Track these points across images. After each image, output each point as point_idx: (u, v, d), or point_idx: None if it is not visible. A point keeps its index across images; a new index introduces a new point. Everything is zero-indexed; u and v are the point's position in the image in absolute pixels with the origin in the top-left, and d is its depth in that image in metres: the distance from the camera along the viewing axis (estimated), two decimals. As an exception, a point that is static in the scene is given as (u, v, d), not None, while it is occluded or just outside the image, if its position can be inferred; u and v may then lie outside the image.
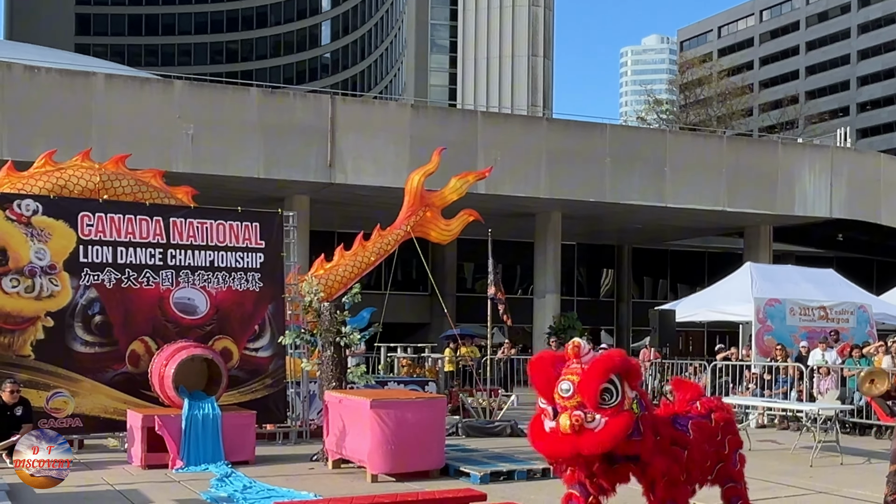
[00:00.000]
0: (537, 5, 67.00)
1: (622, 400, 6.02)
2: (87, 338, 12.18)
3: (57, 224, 12.17)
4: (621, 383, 6.04)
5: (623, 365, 6.10)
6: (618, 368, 6.05)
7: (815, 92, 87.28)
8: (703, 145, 30.76)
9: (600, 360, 6.09)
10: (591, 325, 34.77)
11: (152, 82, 26.26)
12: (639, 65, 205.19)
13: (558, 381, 6.08)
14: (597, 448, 5.98)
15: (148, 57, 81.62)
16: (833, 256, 37.72)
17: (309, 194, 25.96)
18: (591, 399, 5.96)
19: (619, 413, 5.99)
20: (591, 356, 6.14)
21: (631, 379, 6.13)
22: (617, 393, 6.02)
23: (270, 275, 13.31)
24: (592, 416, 5.96)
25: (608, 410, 5.98)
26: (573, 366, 6.11)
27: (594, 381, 5.97)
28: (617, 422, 5.97)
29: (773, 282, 20.65)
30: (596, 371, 6.01)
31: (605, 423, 5.96)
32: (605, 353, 6.21)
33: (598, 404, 5.97)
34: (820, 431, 13.15)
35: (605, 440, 5.96)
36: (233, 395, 12.62)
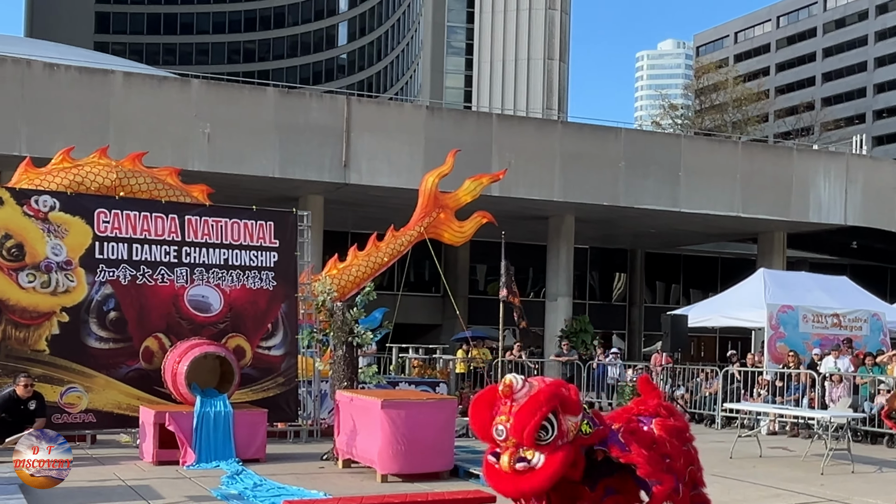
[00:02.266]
0: (554, 9, 66.95)
1: (559, 434, 6.01)
2: (102, 334, 12.29)
3: (73, 220, 12.28)
4: (556, 417, 6.02)
5: (552, 401, 6.05)
6: (548, 406, 6.01)
7: (832, 99, 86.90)
8: (717, 150, 30.66)
9: (528, 403, 6.02)
10: (602, 329, 34.71)
11: (170, 81, 26.40)
12: (654, 69, 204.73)
13: (493, 423, 6.09)
14: (537, 486, 6.02)
15: (166, 56, 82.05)
16: (847, 264, 37.57)
17: (323, 194, 26.03)
18: (527, 440, 5.96)
19: (557, 449, 5.98)
20: (526, 392, 6.07)
21: (567, 410, 6.10)
22: (553, 428, 6.00)
23: (284, 274, 13.38)
24: (533, 454, 5.96)
25: (546, 448, 5.98)
26: (504, 407, 6.07)
27: (526, 424, 5.95)
28: (555, 458, 5.96)
29: (786, 288, 20.59)
30: (525, 414, 5.98)
31: (544, 460, 5.96)
32: (534, 394, 6.10)
33: (535, 442, 5.97)
34: (831, 439, 13.10)
35: (544, 478, 5.98)
36: (245, 393, 12.70)
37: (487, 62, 69.16)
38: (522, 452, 6.00)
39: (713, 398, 18.78)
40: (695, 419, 19.39)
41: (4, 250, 11.86)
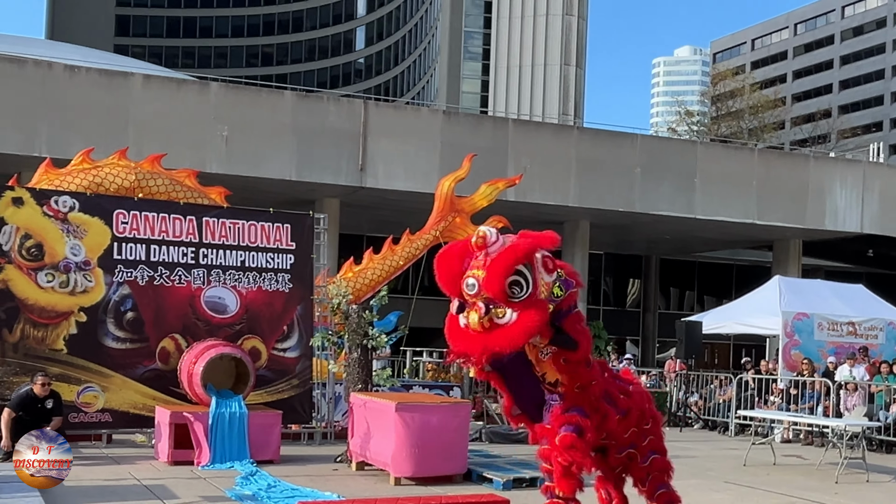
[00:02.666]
0: (571, 15, 66.93)
1: (534, 290, 5.61)
2: (119, 334, 12.38)
3: (92, 221, 12.38)
4: (531, 272, 5.63)
5: (530, 252, 5.66)
6: (524, 258, 5.62)
7: (849, 106, 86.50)
8: (734, 157, 30.61)
9: (503, 253, 5.63)
10: (616, 335, 34.68)
11: (189, 84, 26.57)
12: (671, 76, 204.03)
13: (464, 276, 5.70)
14: (507, 344, 5.61)
15: (185, 59, 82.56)
16: (863, 272, 37.38)
17: (339, 197, 26.12)
18: (498, 295, 5.55)
19: (531, 305, 5.59)
20: (500, 246, 5.68)
21: (544, 267, 5.71)
22: (527, 284, 5.61)
23: (300, 276, 13.45)
24: (504, 311, 5.57)
25: (518, 304, 5.57)
26: (478, 259, 5.69)
27: (498, 277, 5.54)
28: (528, 315, 5.57)
29: (801, 296, 20.50)
30: (499, 265, 5.57)
31: (517, 317, 5.57)
32: (510, 245, 5.70)
33: (508, 298, 5.56)
34: (846, 448, 13.04)
35: (516, 335, 5.58)
36: (260, 394, 12.77)
37: (504, 67, 69.18)
38: (493, 309, 5.60)
39: (727, 405, 18.74)
40: (708, 426, 19.36)
41: (24, 250, 11.98)
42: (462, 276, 5.71)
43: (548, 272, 5.76)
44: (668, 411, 20.06)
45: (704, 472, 12.61)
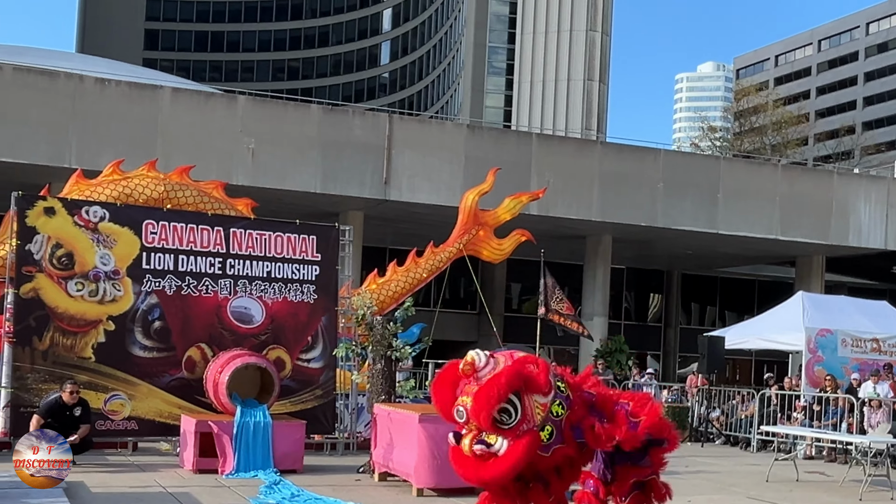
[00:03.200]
0: (595, 30, 67.05)
1: (523, 418, 5.56)
2: (146, 342, 12.52)
3: (122, 231, 12.56)
4: (520, 399, 5.57)
5: (515, 382, 5.56)
6: (508, 388, 5.53)
7: (873, 123, 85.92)
8: (756, 173, 30.52)
9: (486, 385, 5.54)
10: (638, 350, 34.57)
11: (216, 97, 26.87)
12: (694, 91, 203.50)
13: (455, 403, 5.65)
14: (499, 476, 5.59)
15: (212, 72, 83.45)
16: (887, 288, 37.09)
17: (364, 210, 26.28)
18: (486, 424, 5.51)
19: (521, 434, 5.54)
20: (490, 370, 5.62)
21: (532, 390, 5.61)
22: (516, 412, 5.55)
23: (325, 287, 13.57)
24: (495, 439, 5.55)
25: (509, 432, 5.54)
26: (467, 387, 5.64)
27: (484, 408, 5.49)
28: (518, 445, 5.52)
29: (825, 312, 20.39)
30: (483, 397, 5.51)
31: (507, 446, 5.53)
32: (494, 375, 5.60)
33: (496, 426, 5.52)
34: (870, 465, 12.99)
35: (506, 468, 5.54)
36: (284, 404, 12.85)
37: (528, 82, 69.35)
38: (485, 437, 5.58)
39: (749, 421, 18.68)
40: (730, 442, 19.30)
41: (55, 259, 12.16)
42: (454, 404, 5.69)
43: (542, 394, 5.68)
44: (689, 426, 20.03)
45: (727, 488, 12.59)
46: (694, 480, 12.98)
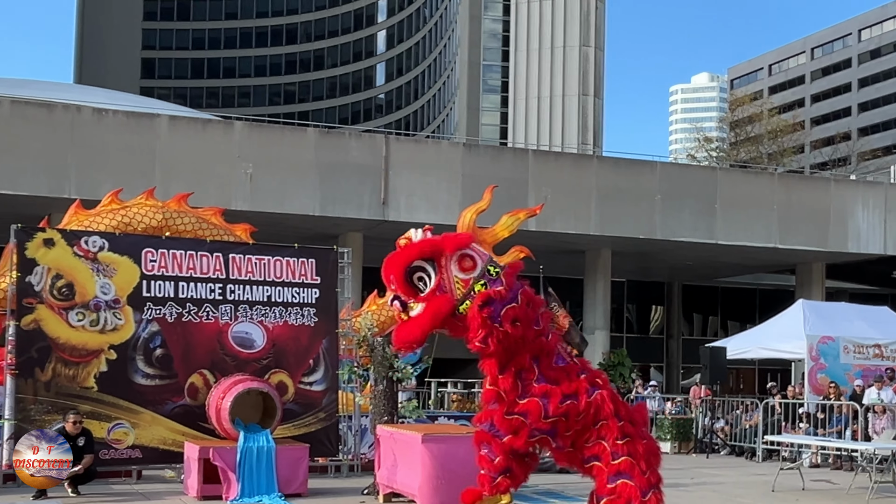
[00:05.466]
0: (588, 46, 67.35)
1: (436, 285, 6.09)
2: (149, 370, 12.51)
3: (122, 260, 12.57)
4: (435, 268, 6.13)
5: (425, 248, 6.19)
6: (419, 255, 6.15)
7: (868, 129, 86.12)
8: (754, 182, 30.61)
9: (400, 250, 6.22)
10: (640, 362, 34.54)
11: (213, 123, 27.01)
12: (689, 103, 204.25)
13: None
14: (407, 336, 6.14)
15: (209, 99, 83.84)
16: (888, 294, 37.07)
17: (363, 231, 26.35)
18: (401, 289, 6.13)
19: (433, 297, 6.08)
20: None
21: (459, 262, 6.21)
22: (429, 277, 6.12)
23: (325, 310, 13.58)
24: (414, 306, 6.12)
25: (422, 298, 6.09)
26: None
27: (393, 271, 6.12)
28: (429, 307, 6.06)
29: (826, 319, 20.42)
30: (391, 261, 6.20)
31: (421, 309, 6.08)
32: (411, 243, 6.20)
33: (414, 292, 6.09)
34: (876, 472, 12.98)
35: (415, 327, 6.09)
36: (287, 428, 12.85)
37: (523, 99, 69.57)
38: (410, 304, 6.13)
39: (753, 430, 18.66)
40: (735, 452, 19.28)
41: (55, 290, 12.19)
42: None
43: (464, 271, 6.27)
44: (694, 437, 20.00)
45: (734, 499, 12.59)
46: (700, 492, 12.97)
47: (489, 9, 73.02)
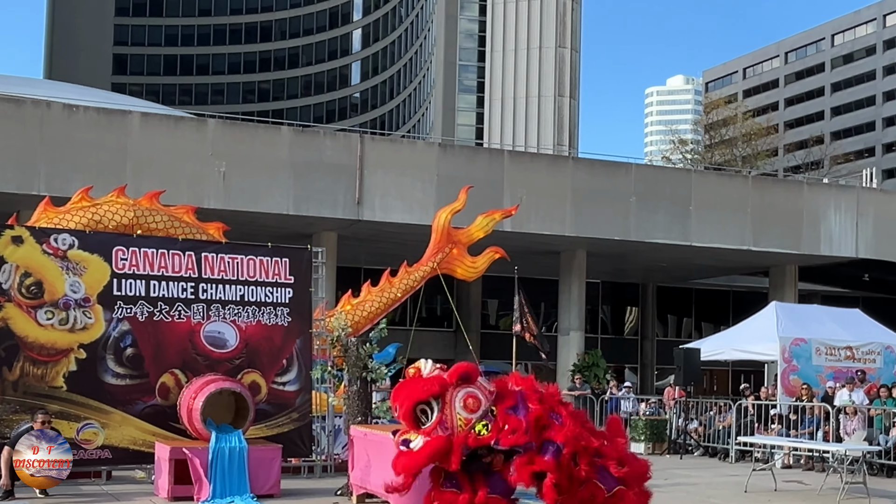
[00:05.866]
0: (564, 47, 67.53)
1: (437, 421, 6.23)
2: (119, 370, 12.37)
3: (92, 258, 12.43)
4: (440, 405, 6.22)
5: (432, 388, 6.27)
6: (425, 393, 6.26)
7: (841, 133, 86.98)
8: (728, 185, 30.77)
9: (406, 384, 6.37)
10: (615, 363, 34.67)
11: (186, 121, 26.77)
12: (664, 105, 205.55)
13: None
14: (406, 468, 6.32)
15: (182, 96, 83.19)
16: (859, 296, 37.45)
17: (337, 231, 26.23)
18: (403, 418, 6.32)
19: (434, 435, 6.22)
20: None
21: (464, 401, 6.27)
22: (431, 415, 6.24)
23: (299, 309, 13.48)
24: (416, 437, 6.29)
25: (424, 432, 6.24)
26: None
27: (400, 402, 6.26)
28: (428, 444, 6.22)
29: (798, 321, 20.55)
30: (400, 393, 6.36)
31: (421, 443, 6.24)
32: (423, 378, 6.34)
33: (417, 425, 6.27)
34: (847, 472, 13.06)
35: (412, 461, 6.27)
36: (260, 428, 12.75)
37: (499, 100, 69.66)
38: (410, 436, 6.32)
39: (727, 431, 18.74)
40: (709, 453, 19.35)
41: (24, 288, 12.01)
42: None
43: (468, 410, 6.30)
44: (668, 438, 20.07)
45: (707, 499, 12.62)
46: (674, 492, 12.99)
47: (465, 9, 73.03)
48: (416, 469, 6.33)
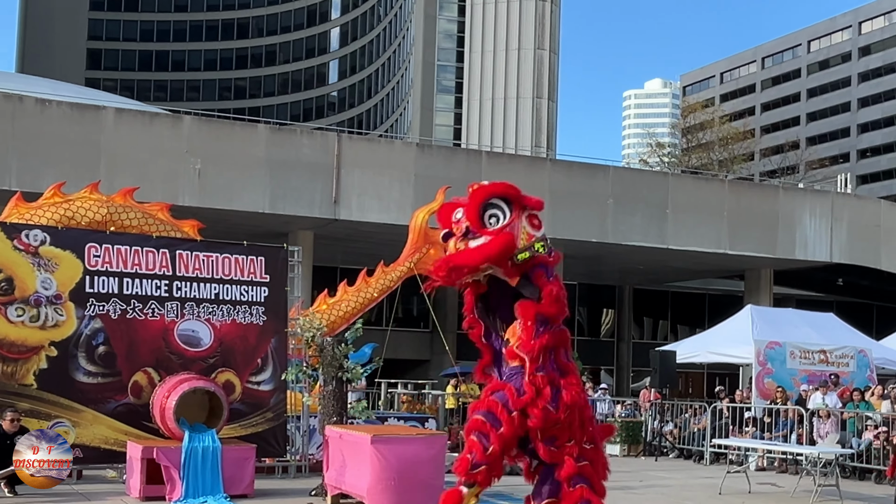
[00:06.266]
0: (542, 49, 67.67)
1: (509, 223, 6.27)
2: (91, 368, 12.22)
3: (64, 254, 12.27)
4: (510, 208, 6.32)
5: (510, 189, 6.44)
6: (503, 193, 6.38)
7: (816, 138, 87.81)
8: (704, 188, 30.93)
9: (485, 186, 6.43)
10: (591, 365, 34.71)
11: (161, 117, 26.55)
12: (642, 108, 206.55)
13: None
14: (466, 259, 6.16)
15: (157, 92, 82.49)
16: (833, 301, 37.76)
17: (313, 230, 26.10)
18: (473, 220, 6.23)
19: (501, 233, 6.20)
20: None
21: (530, 220, 6.41)
22: (503, 216, 6.30)
23: (274, 309, 13.38)
24: (476, 236, 6.20)
25: (491, 231, 6.19)
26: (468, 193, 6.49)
27: (475, 201, 6.24)
28: (493, 240, 6.15)
29: (773, 325, 20.68)
30: (478, 193, 6.33)
31: (486, 240, 6.17)
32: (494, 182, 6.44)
33: (482, 226, 6.22)
34: (820, 475, 13.13)
35: (475, 253, 6.13)
36: (234, 428, 12.64)
37: (477, 100, 69.68)
38: (470, 236, 6.22)
39: (702, 434, 18.80)
40: (683, 455, 19.41)
41: (-6, 284, 11.83)
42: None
43: (533, 227, 6.45)
44: (643, 440, 20.10)
45: (681, 501, 12.64)
46: (648, 494, 13.00)
47: (444, 9, 72.98)
48: (481, 260, 6.18)
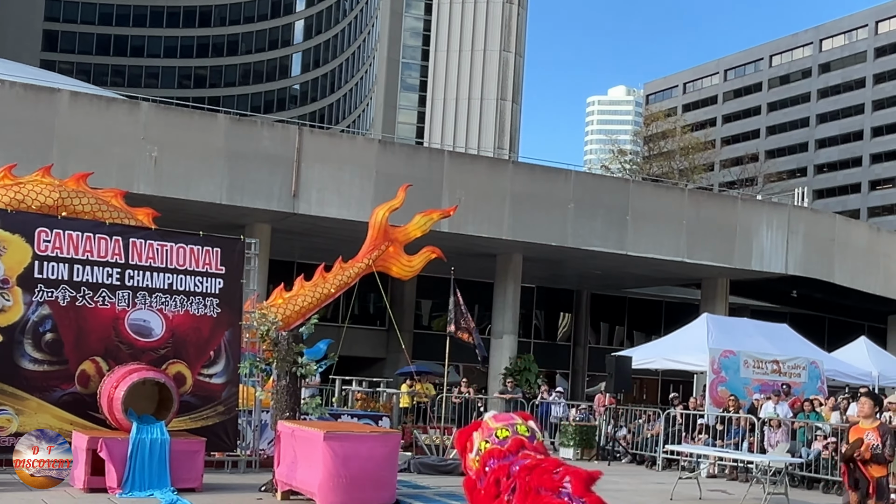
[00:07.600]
0: (508, 51, 67.82)
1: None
2: (37, 355, 11.94)
3: (13, 238, 11.98)
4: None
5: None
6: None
7: (775, 151, 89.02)
8: (664, 196, 31.10)
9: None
10: (546, 368, 34.79)
11: (118, 102, 26.05)
12: (605, 115, 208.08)
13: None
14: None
15: (114, 77, 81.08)
16: (787, 312, 38.22)
17: (270, 223, 25.81)
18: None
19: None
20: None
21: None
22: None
23: (229, 301, 13.17)
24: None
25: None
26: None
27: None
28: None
29: (728, 334, 20.84)
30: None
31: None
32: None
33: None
34: (769, 483, 13.23)
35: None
36: (183, 420, 12.42)
37: (441, 100, 69.65)
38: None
39: (655, 440, 18.87)
40: (636, 460, 19.48)
41: (-61, 266, 11.50)
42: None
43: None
44: (597, 445, 20.14)
45: (632, 507, 12.62)
46: (600, 500, 12.93)
47: (411, 6, 72.83)
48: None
